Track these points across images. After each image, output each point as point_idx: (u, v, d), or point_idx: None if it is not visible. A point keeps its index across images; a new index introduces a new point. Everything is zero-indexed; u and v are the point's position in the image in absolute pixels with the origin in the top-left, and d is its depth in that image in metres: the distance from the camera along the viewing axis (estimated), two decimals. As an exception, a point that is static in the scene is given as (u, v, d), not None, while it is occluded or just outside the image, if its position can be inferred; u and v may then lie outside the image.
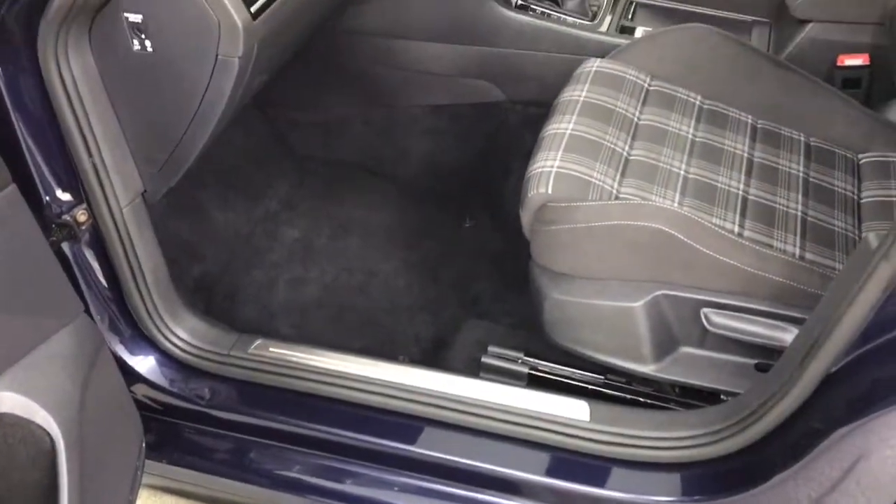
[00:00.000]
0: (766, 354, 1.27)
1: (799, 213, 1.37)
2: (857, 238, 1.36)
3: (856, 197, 1.43)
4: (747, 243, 1.27)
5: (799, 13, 1.62)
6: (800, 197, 1.40)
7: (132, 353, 1.37)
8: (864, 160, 1.50)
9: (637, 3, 1.85)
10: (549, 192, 1.31)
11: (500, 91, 1.85)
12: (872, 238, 0.98)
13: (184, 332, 1.39)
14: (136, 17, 1.12)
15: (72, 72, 1.15)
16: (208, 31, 1.10)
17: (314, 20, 1.49)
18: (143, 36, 1.13)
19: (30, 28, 1.09)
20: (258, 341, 1.41)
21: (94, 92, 1.18)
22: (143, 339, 1.37)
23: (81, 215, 1.24)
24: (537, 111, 1.85)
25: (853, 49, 1.59)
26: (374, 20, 1.80)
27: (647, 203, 1.31)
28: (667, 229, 1.24)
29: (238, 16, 1.09)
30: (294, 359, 1.37)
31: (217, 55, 1.12)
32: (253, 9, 1.11)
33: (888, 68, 1.54)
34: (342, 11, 1.78)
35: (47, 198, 1.20)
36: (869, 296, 0.97)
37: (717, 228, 1.28)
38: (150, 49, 1.14)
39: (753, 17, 1.81)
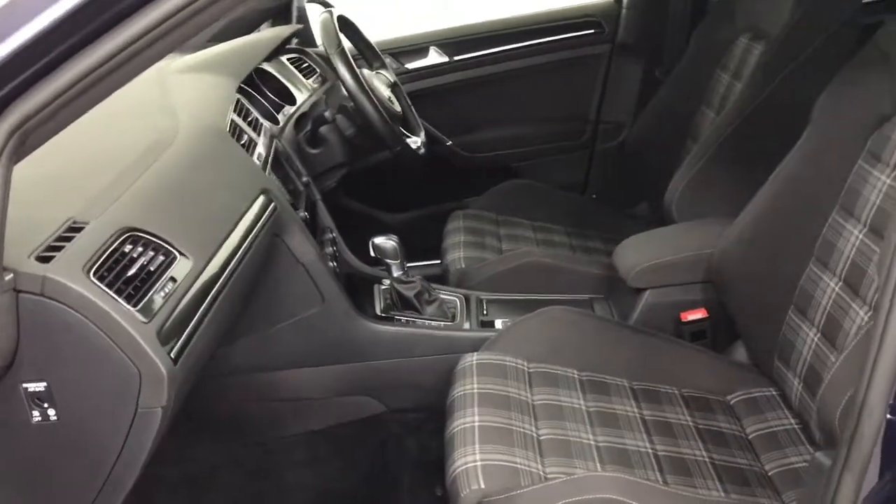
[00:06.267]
0: None
1: (706, 459, 1.44)
2: (763, 472, 1.43)
3: (743, 434, 1.53)
4: (687, 492, 1.29)
5: (634, 283, 1.82)
6: (699, 444, 1.48)
7: None
8: (733, 401, 1.62)
9: (486, 301, 1.97)
10: (483, 486, 1.28)
11: (379, 403, 1.84)
12: None
13: None
14: (37, 386, 1.02)
15: None
16: (126, 384, 1.02)
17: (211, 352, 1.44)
18: (45, 405, 1.03)
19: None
20: None
21: None
22: None
23: None
24: (417, 416, 1.85)
25: (692, 305, 1.78)
26: (240, 358, 1.76)
27: (586, 475, 1.32)
28: (617, 497, 1.23)
29: (162, 364, 1.03)
30: None
31: (137, 409, 1.04)
32: (172, 354, 1.06)
33: (724, 317, 1.73)
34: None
35: None
36: None
37: (655, 485, 1.30)
38: (53, 418, 1.03)
39: (591, 295, 1.99)
